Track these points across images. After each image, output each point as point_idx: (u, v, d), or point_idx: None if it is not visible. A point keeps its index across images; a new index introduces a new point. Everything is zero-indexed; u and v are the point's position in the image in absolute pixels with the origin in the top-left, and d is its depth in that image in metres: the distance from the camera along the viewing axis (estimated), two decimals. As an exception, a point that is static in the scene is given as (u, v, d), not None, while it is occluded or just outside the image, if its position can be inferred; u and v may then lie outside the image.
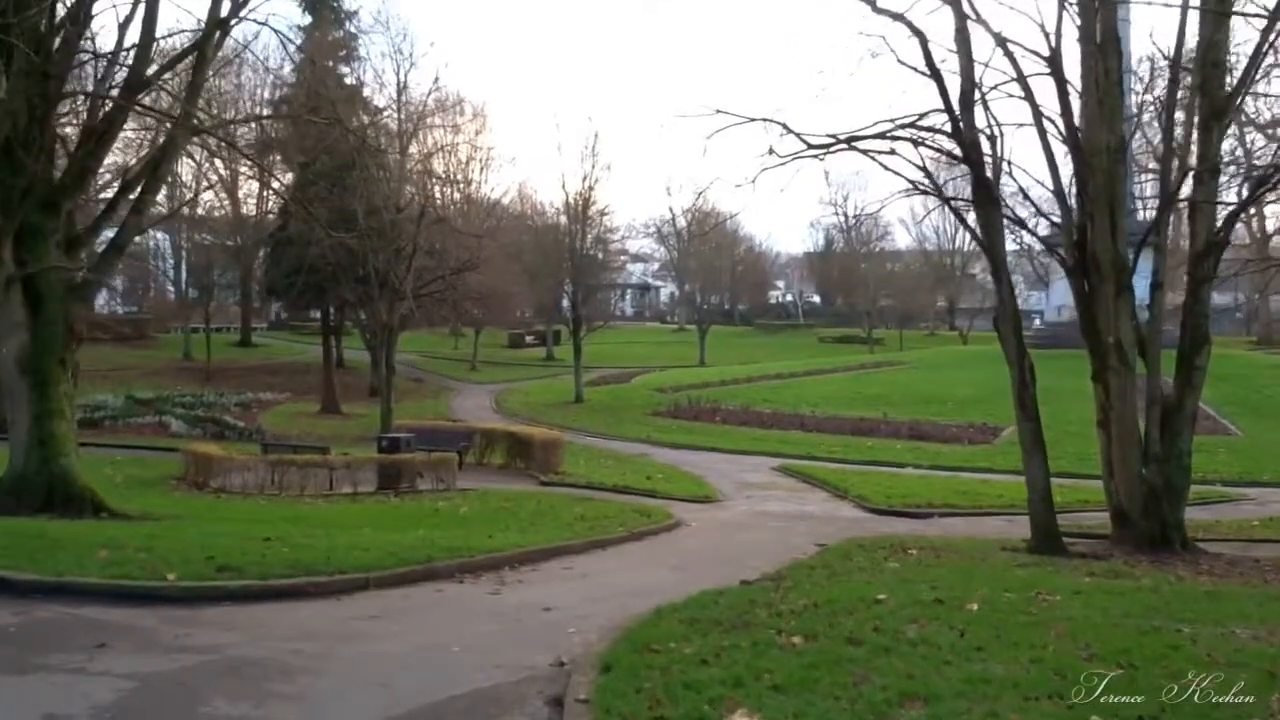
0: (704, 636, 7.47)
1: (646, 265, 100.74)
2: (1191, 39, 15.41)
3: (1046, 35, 16.80)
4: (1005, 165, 14.78)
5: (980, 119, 15.51)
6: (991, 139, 14.69)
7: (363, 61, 40.22)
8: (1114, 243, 15.08)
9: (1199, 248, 15.42)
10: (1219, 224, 15.38)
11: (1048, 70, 15.78)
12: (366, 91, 39.42)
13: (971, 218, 16.37)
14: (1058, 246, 16.74)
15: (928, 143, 14.59)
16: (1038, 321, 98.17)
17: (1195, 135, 15.43)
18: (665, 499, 21.70)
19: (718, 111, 14.94)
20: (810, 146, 14.79)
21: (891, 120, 15.36)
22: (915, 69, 14.24)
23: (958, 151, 14.40)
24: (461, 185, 60.24)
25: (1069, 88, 16.21)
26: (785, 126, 15.13)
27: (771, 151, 15.99)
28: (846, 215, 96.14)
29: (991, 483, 25.63)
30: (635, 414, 40.78)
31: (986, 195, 14.63)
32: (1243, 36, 17.58)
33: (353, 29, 43.47)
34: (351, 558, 10.78)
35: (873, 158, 15.98)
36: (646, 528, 16.67)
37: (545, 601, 9.87)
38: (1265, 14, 14.91)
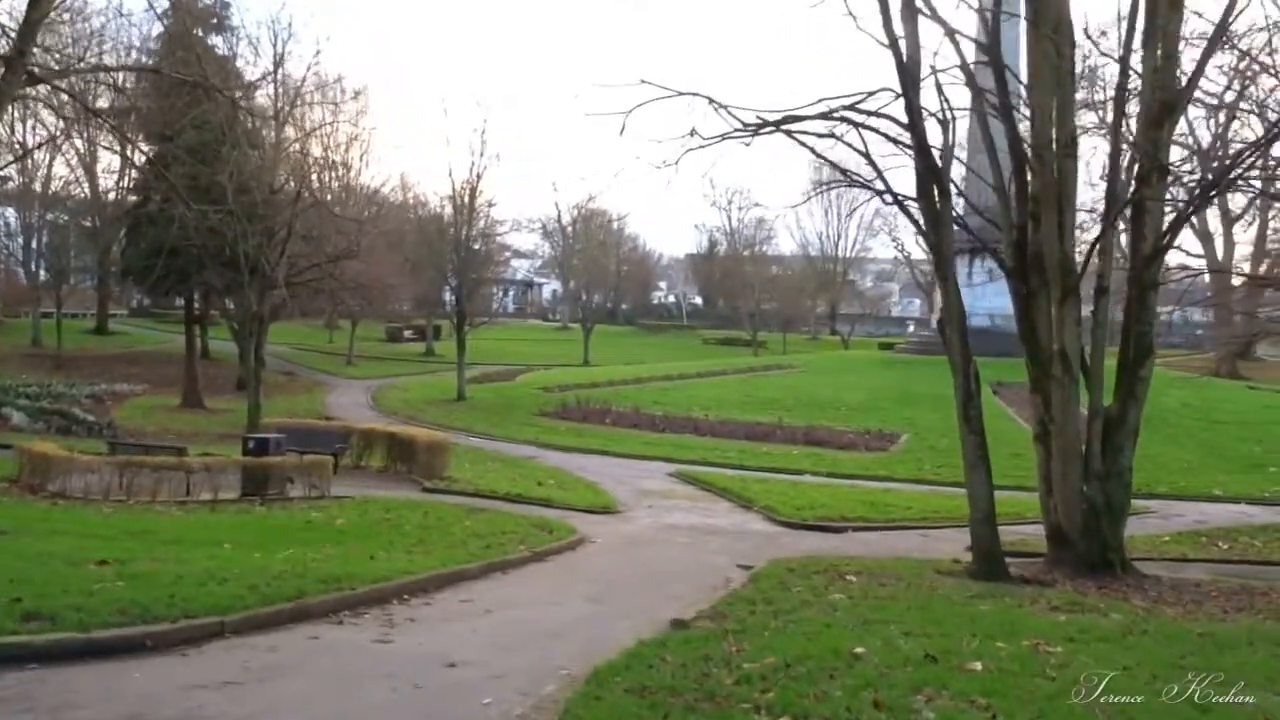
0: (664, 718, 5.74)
1: (530, 261, 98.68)
2: (1140, 30, 14.33)
3: (984, 18, 15.64)
4: (957, 151, 13.45)
5: (934, 103, 14.28)
6: (944, 124, 13.35)
7: (235, 31, 37.18)
8: (1061, 244, 13.93)
9: (1146, 251, 14.37)
10: (1165, 227, 14.35)
11: (985, 59, 14.62)
12: (240, 64, 36.49)
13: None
14: (995, 246, 15.54)
15: (871, 126, 13.14)
16: (910, 329, 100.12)
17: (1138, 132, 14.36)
18: (563, 509, 19.92)
19: (642, 82, 13.25)
20: (744, 125, 13.21)
21: (833, 99, 13.95)
22: (874, 37, 12.79)
23: (907, 138, 12.99)
24: (341, 171, 57.58)
25: (1013, 75, 15.12)
26: (713, 102, 13.54)
27: (693, 133, 14.39)
28: (731, 218, 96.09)
29: (895, 492, 24.65)
30: (521, 414, 38.89)
31: (936, 185, 13.29)
32: (1192, 28, 16.64)
33: (223, -3, 40.30)
34: (204, 595, 8.70)
35: (805, 143, 14.54)
36: (549, 545, 14.87)
37: (447, 652, 8.00)
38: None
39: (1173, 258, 16.05)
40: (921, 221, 13.79)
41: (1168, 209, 14.37)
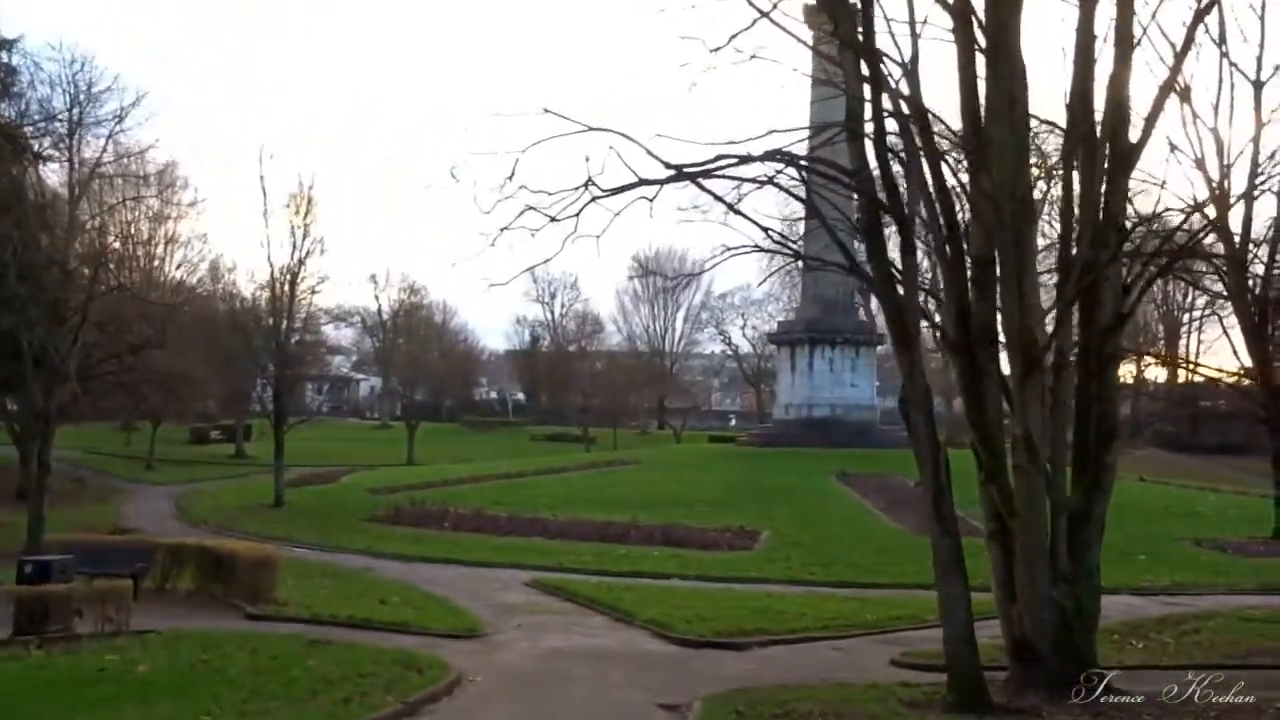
0: None
1: (346, 357, 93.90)
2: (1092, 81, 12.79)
3: (905, 68, 13.80)
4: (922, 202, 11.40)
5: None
6: (906, 167, 11.32)
7: (22, 99, 32.60)
8: (1021, 312, 12.02)
9: (1105, 321, 12.62)
10: (1130, 293, 12.68)
11: (906, 110, 12.78)
12: (30, 130, 32.00)
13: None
14: (931, 317, 13.55)
15: (820, 170, 10.98)
16: (733, 421, 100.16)
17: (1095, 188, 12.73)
18: (421, 634, 16.69)
19: (546, 111, 10.75)
20: (672, 168, 10.83)
21: (771, 135, 11.79)
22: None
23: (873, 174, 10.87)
24: (142, 262, 52.75)
25: (936, 124, 13.33)
26: (629, 139, 11.13)
27: (588, 184, 11.95)
28: (554, 313, 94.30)
29: (776, 596, 22.35)
30: (349, 520, 35.12)
31: (903, 240, 11.20)
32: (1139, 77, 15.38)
33: (11, 60, 35.63)
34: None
35: (725, 200, 12.29)
36: (421, 694, 11.71)
37: None
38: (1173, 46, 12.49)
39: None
40: (874, 280, 11.62)
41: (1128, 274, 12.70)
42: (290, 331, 42.23)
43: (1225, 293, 24.18)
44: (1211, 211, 15.99)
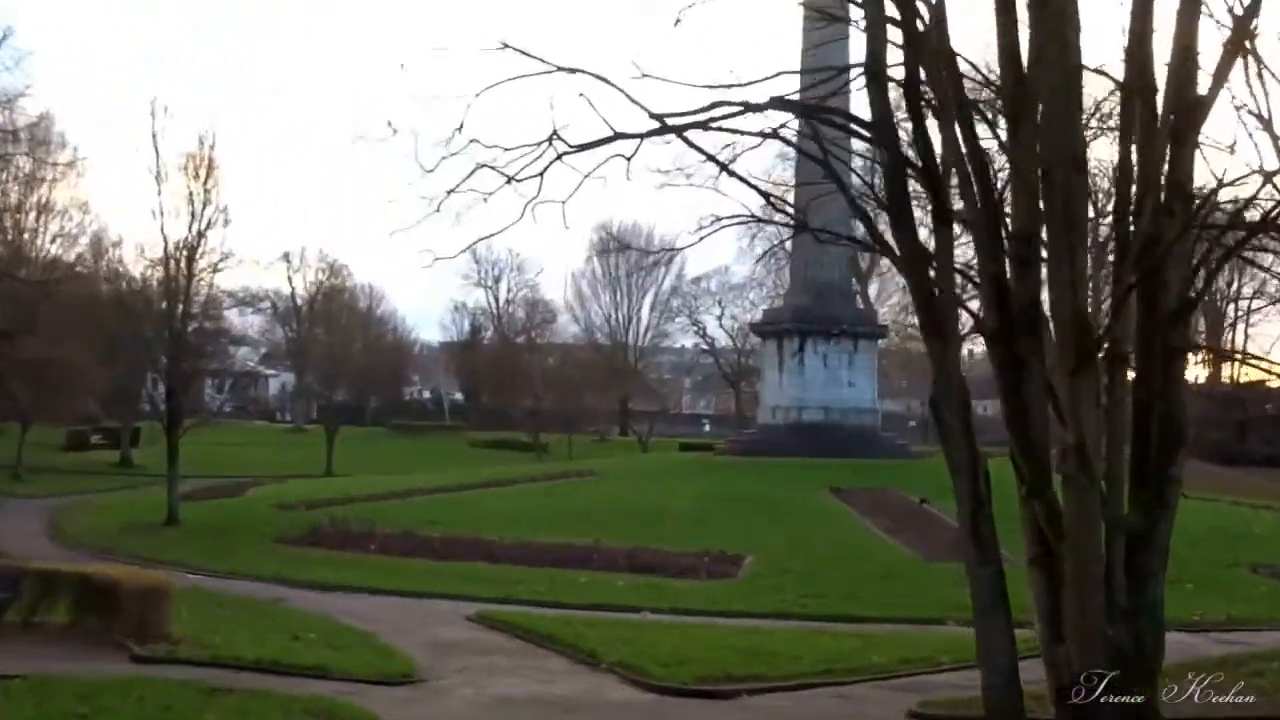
0: None
1: (253, 348, 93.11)
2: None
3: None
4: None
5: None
6: (940, 114, 10.94)
7: None
8: (1074, 293, 11.67)
9: (1169, 306, 12.29)
10: (1199, 273, 12.39)
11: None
12: None
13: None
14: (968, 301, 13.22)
15: (834, 120, 10.62)
16: (708, 427, 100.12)
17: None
18: (343, 680, 16.26)
19: (505, 47, 10.29)
20: (664, 123, 10.42)
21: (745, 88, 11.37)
22: None
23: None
24: (9, 234, 51.87)
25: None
26: (607, 82, 10.71)
27: (554, 138, 11.51)
28: (499, 299, 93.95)
29: (766, 631, 22.13)
30: (256, 540, 34.93)
31: (935, 208, 10.84)
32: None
33: None
34: None
35: (711, 156, 11.88)
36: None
37: None
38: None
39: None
40: (900, 256, 11.27)
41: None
42: (187, 318, 41.79)
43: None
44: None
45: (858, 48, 16.65)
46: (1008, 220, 12.11)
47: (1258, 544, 34.31)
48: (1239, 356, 20.00)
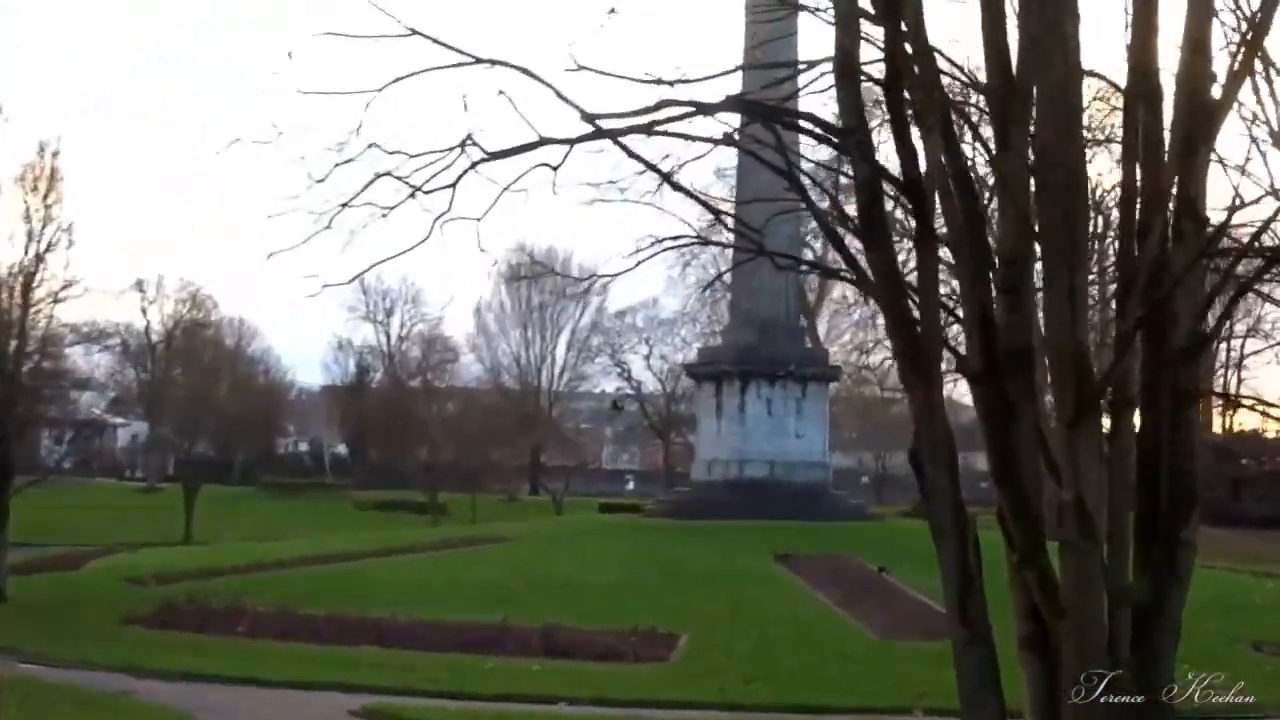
0: None
1: (99, 393, 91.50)
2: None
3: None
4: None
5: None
6: (928, 127, 10.83)
7: None
8: (1074, 328, 11.59)
9: (1179, 343, 12.25)
10: (1213, 303, 12.40)
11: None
12: None
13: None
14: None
15: (801, 125, 10.47)
16: (632, 484, 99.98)
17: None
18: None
19: (413, 33, 10.01)
20: (598, 127, 10.19)
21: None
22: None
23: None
24: None
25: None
26: (531, 75, 10.44)
27: (468, 143, 11.21)
28: (390, 335, 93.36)
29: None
30: (101, 621, 34.21)
31: (919, 226, 10.71)
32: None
33: None
34: None
35: (652, 166, 11.67)
36: None
37: None
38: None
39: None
40: (876, 284, 11.13)
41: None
42: (21, 356, 41.16)
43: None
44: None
45: (806, 44, 16.59)
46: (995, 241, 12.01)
47: (1258, 616, 34.82)
48: (1255, 404, 19.88)
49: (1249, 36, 12.75)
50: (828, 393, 50.61)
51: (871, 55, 11.81)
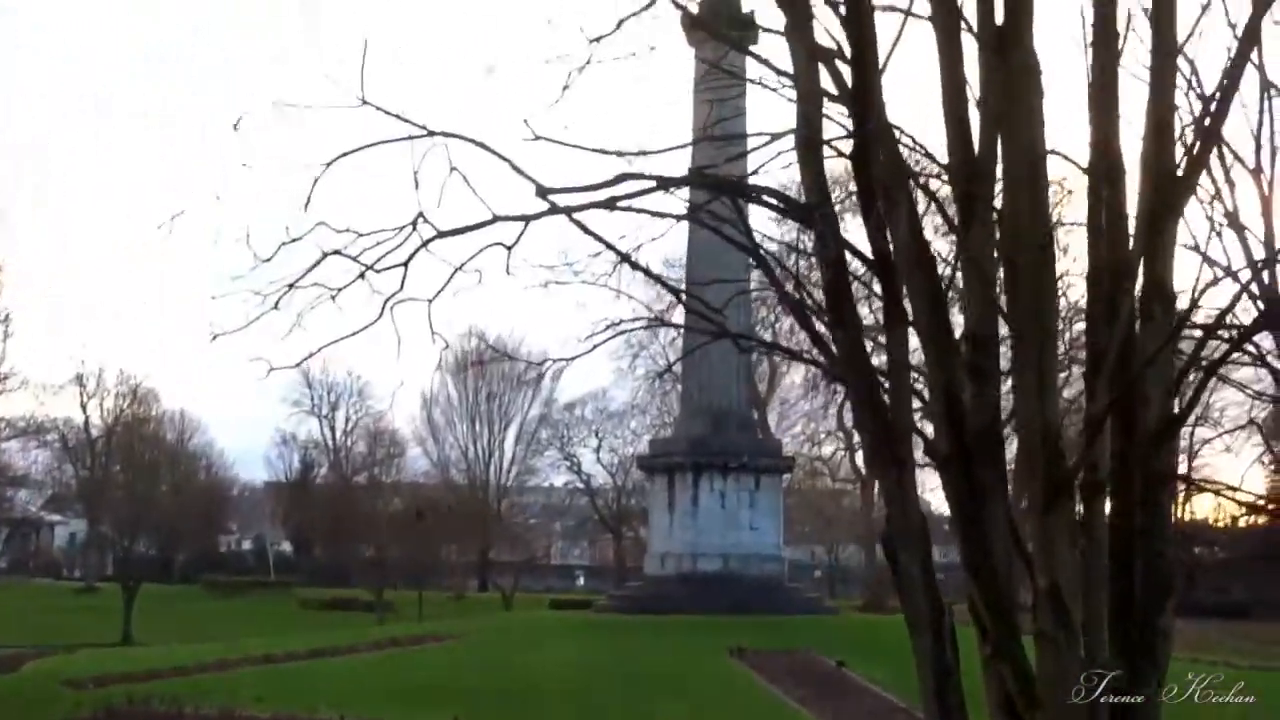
0: None
1: (36, 490, 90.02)
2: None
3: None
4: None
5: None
6: (889, 196, 10.58)
7: None
8: (1043, 410, 11.30)
9: (1151, 425, 12.00)
10: (1188, 379, 12.22)
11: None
12: None
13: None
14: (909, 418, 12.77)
15: (764, 199, 10.21)
16: (582, 580, 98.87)
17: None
18: None
19: (364, 103, 9.71)
20: (553, 204, 9.92)
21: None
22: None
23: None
24: None
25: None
26: (487, 147, 10.18)
27: (419, 221, 10.89)
28: (335, 429, 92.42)
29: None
30: None
31: (888, 305, 10.45)
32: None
33: None
34: None
35: (610, 245, 11.38)
36: None
37: None
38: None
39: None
40: (845, 374, 10.84)
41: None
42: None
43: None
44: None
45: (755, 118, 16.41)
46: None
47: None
48: (1221, 489, 19.61)
49: (1208, 121, 12.69)
50: (781, 484, 50.22)
51: (832, 130, 11.72)
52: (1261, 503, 13.50)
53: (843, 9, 10.70)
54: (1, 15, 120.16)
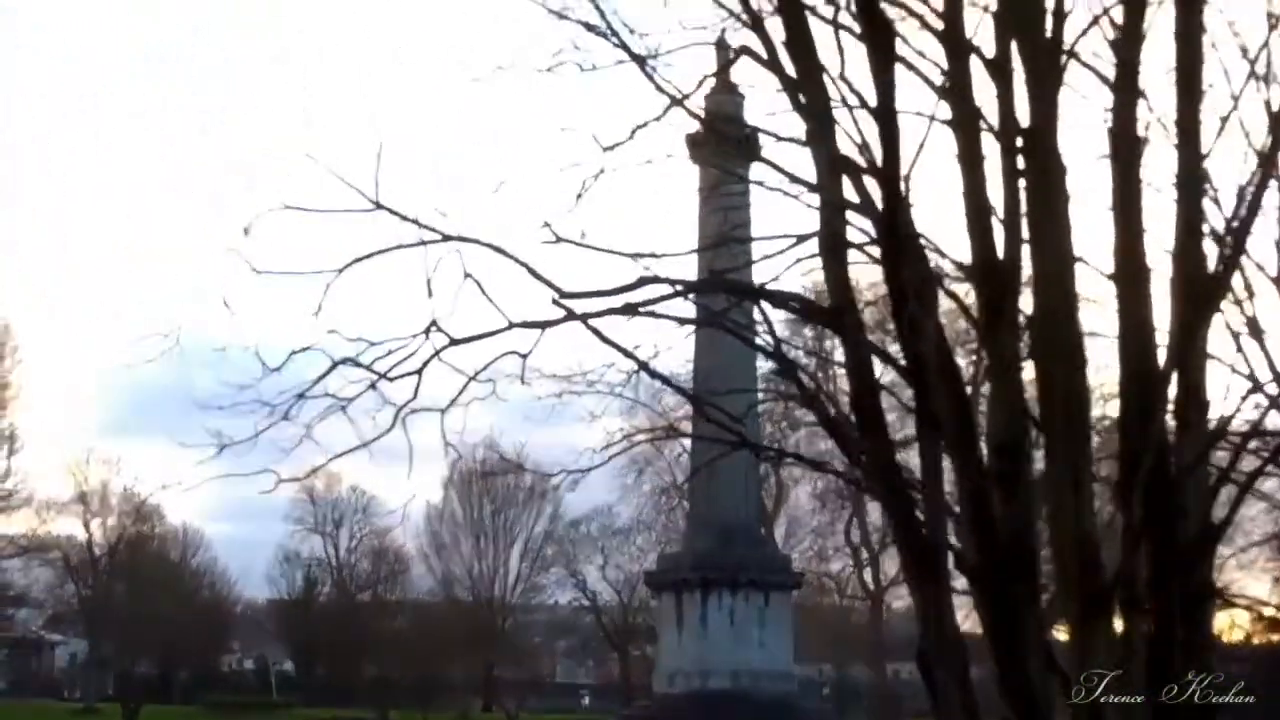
0: None
1: (37, 609, 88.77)
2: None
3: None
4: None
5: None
6: (922, 300, 10.24)
7: None
8: (1078, 521, 10.89)
9: (1188, 536, 11.58)
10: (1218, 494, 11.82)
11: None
12: None
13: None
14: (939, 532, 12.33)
15: (791, 305, 9.90)
16: (587, 700, 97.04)
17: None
18: None
19: (377, 206, 9.44)
20: (569, 310, 9.66)
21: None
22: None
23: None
24: None
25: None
26: (505, 253, 9.91)
27: (432, 329, 10.59)
28: (339, 547, 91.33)
29: None
30: None
31: (921, 416, 10.08)
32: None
33: None
34: None
35: (628, 353, 11.06)
36: None
37: None
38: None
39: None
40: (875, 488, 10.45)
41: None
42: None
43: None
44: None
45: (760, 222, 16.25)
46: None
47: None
48: (1252, 604, 18.75)
49: (1236, 223, 12.45)
50: (791, 600, 49.30)
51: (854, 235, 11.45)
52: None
53: (873, 120, 10.50)
54: (1, 15, 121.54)
